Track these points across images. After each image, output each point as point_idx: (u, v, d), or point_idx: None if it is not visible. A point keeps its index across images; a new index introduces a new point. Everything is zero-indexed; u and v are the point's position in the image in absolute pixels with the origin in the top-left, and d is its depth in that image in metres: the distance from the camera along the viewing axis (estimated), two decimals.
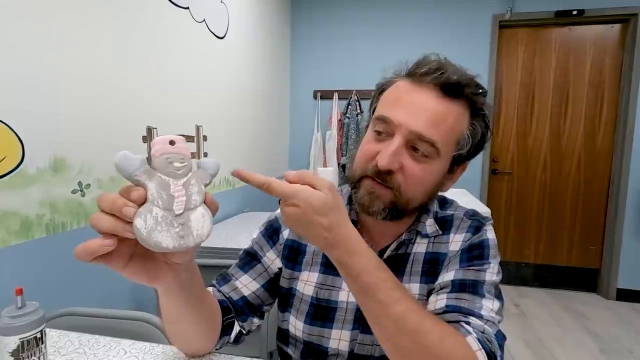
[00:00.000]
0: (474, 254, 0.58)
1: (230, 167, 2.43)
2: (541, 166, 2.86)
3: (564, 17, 2.65)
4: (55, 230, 1.07)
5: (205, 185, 0.40)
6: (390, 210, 0.56)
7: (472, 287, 0.54)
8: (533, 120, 2.85)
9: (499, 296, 0.55)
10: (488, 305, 0.53)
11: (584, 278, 2.85)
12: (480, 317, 0.51)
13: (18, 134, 0.95)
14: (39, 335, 0.55)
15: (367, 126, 0.62)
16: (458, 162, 0.59)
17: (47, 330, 0.71)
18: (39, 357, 0.55)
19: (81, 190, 1.14)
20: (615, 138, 2.71)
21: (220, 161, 0.42)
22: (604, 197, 2.78)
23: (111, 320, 0.84)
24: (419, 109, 0.54)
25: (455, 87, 0.54)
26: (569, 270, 2.87)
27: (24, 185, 0.97)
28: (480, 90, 0.56)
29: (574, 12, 2.61)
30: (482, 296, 0.53)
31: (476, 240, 0.59)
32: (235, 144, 2.18)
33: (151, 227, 0.35)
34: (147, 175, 0.36)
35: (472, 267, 0.56)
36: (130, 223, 0.34)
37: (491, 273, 0.56)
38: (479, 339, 0.48)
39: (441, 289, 0.56)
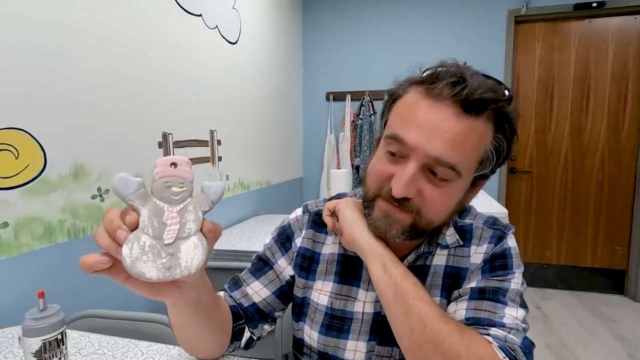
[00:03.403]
0: (496, 264, 0.55)
1: (244, 170, 2.43)
2: (562, 164, 2.77)
3: (584, 10, 2.56)
4: (77, 234, 1.10)
5: (204, 213, 0.38)
6: (410, 233, 0.52)
7: (492, 294, 0.52)
8: (552, 117, 2.76)
9: (523, 305, 0.52)
10: (511, 314, 0.50)
11: (610, 279, 2.74)
12: (502, 326, 0.49)
13: (40, 142, 0.98)
14: (59, 336, 0.57)
15: (380, 138, 0.56)
16: (482, 177, 0.55)
17: (69, 331, 0.74)
18: (60, 358, 0.57)
19: (100, 196, 1.18)
20: None
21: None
22: (630, 195, 2.66)
23: (129, 322, 0.86)
24: (437, 130, 0.47)
25: (477, 104, 0.47)
26: (594, 271, 2.77)
27: (46, 192, 1.01)
28: (505, 98, 0.50)
29: (594, 4, 2.52)
30: (505, 304, 0.51)
31: (499, 250, 0.56)
32: (249, 147, 2.20)
33: (136, 256, 0.34)
34: (141, 200, 0.35)
35: (495, 277, 0.54)
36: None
37: (516, 283, 0.53)
38: (500, 347, 0.46)
39: (460, 296, 0.54)
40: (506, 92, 0.51)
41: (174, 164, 0.36)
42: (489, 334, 0.48)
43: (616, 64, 2.62)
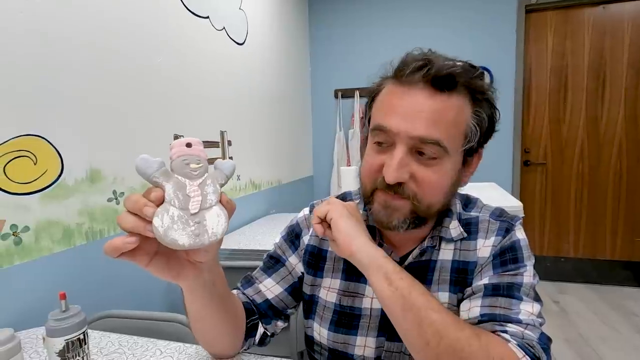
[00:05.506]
0: (507, 257, 0.54)
1: (255, 170, 2.44)
2: (577, 155, 2.71)
3: None
4: (94, 237, 1.13)
5: (221, 186, 0.41)
6: (412, 220, 0.53)
7: (507, 290, 0.51)
8: (567, 107, 2.70)
9: (537, 299, 0.52)
10: (527, 309, 0.50)
11: (630, 272, 2.67)
12: (518, 322, 0.48)
13: (56, 148, 1.01)
14: (81, 336, 0.59)
15: (367, 137, 0.59)
16: (471, 152, 0.56)
17: (90, 331, 0.76)
18: (82, 357, 0.59)
19: (116, 199, 1.20)
20: None
21: (236, 163, 0.44)
22: None
23: (147, 321, 0.88)
24: (415, 112, 0.50)
25: (446, 80, 0.50)
26: (614, 264, 2.70)
27: (64, 196, 1.03)
28: (476, 74, 0.53)
29: None
30: (520, 299, 0.50)
31: (507, 242, 0.55)
32: (259, 147, 2.22)
33: (167, 225, 0.37)
34: (164, 177, 0.38)
35: (507, 272, 0.53)
36: (150, 222, 0.36)
37: (528, 276, 0.53)
38: (519, 345, 0.45)
39: (474, 293, 0.54)
40: (476, 72, 0.53)
41: (189, 144, 0.39)
42: (505, 331, 0.48)
43: (633, 51, 2.54)
